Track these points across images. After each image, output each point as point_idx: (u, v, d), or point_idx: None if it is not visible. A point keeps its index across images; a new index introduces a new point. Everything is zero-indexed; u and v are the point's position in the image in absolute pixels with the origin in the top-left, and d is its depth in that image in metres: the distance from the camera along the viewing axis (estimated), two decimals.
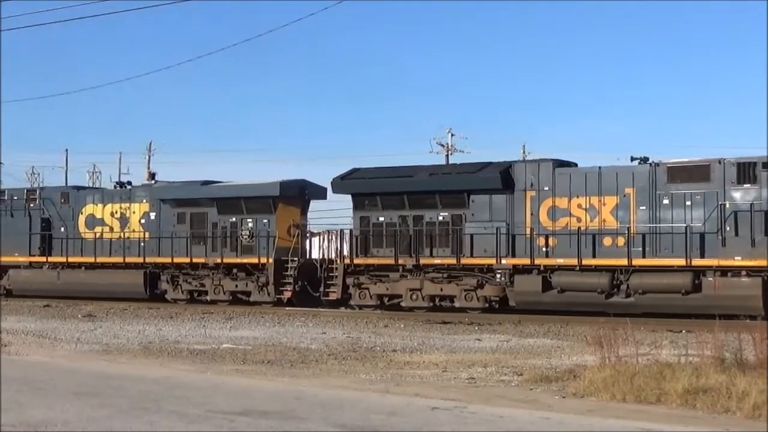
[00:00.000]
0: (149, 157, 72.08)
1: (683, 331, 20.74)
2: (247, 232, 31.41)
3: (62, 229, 35.28)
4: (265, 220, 31.23)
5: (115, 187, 35.89)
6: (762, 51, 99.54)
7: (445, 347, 18.59)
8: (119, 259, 33.74)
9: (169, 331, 22.03)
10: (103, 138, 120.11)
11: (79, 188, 37.43)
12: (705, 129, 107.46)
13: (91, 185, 41.36)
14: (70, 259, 34.65)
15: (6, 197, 36.97)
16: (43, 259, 35.34)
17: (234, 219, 31.88)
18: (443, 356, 16.88)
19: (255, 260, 30.95)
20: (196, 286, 32.41)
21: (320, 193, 32.63)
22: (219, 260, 31.64)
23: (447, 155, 62.69)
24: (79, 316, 27.31)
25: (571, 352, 17.44)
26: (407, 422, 10.31)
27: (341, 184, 30.02)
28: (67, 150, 76.78)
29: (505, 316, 26.27)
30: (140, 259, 33.22)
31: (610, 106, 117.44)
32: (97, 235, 34.41)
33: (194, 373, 14.66)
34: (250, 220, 31.57)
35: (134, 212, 33.94)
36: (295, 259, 30.51)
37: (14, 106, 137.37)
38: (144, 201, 33.80)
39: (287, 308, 29.77)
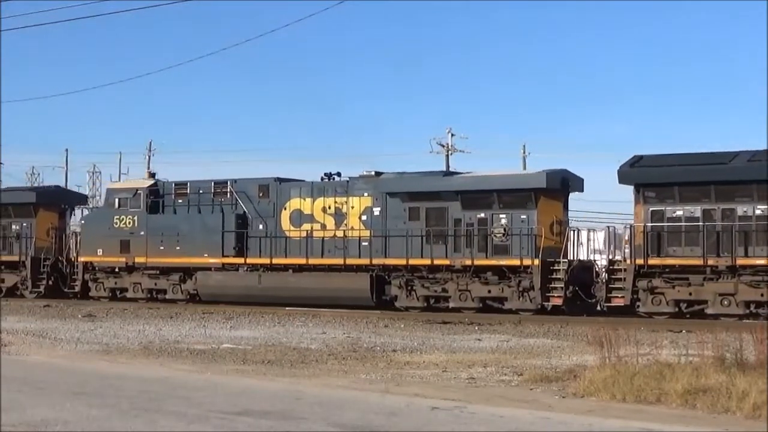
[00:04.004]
0: (149, 157, 72.22)
1: (683, 331, 20.81)
2: (501, 230, 27.48)
3: (260, 226, 30.94)
4: (523, 216, 27.26)
5: (321, 179, 31.10)
6: (762, 50, 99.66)
7: (445, 347, 18.59)
8: (338, 261, 29.47)
9: (169, 331, 22.00)
10: (103, 138, 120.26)
11: (281, 180, 31.69)
12: (705, 129, 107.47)
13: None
14: (275, 261, 30.49)
15: (189, 190, 32.62)
16: (240, 260, 31.07)
17: (482, 214, 27.85)
18: (443, 356, 16.88)
19: (516, 262, 26.92)
20: (435, 291, 28.32)
21: (579, 184, 29.20)
22: (469, 262, 27.51)
23: (447, 155, 62.65)
24: (79, 316, 27.25)
25: (571, 352, 17.43)
26: (407, 422, 10.32)
27: (629, 172, 26.15)
28: (67, 150, 77.01)
29: (505, 316, 26.19)
30: (365, 261, 29.04)
31: (611, 107, 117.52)
32: (307, 233, 30.07)
33: (194, 373, 14.66)
34: (503, 215, 27.58)
35: (353, 207, 29.74)
36: (566, 260, 26.73)
37: (14, 106, 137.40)
38: (365, 194, 29.57)
39: (287, 308, 29.02)
